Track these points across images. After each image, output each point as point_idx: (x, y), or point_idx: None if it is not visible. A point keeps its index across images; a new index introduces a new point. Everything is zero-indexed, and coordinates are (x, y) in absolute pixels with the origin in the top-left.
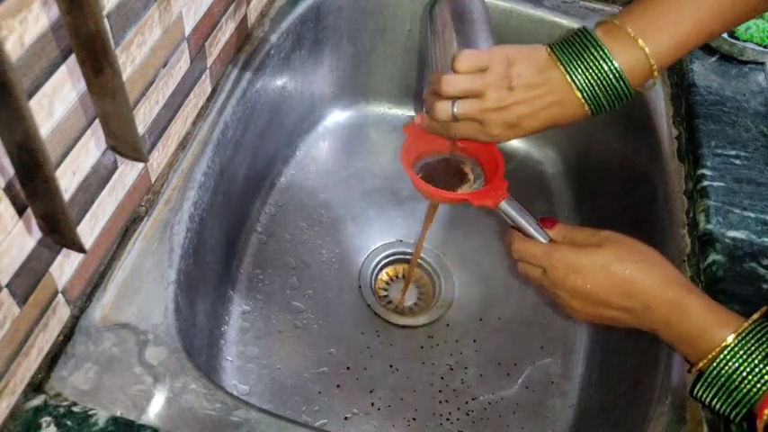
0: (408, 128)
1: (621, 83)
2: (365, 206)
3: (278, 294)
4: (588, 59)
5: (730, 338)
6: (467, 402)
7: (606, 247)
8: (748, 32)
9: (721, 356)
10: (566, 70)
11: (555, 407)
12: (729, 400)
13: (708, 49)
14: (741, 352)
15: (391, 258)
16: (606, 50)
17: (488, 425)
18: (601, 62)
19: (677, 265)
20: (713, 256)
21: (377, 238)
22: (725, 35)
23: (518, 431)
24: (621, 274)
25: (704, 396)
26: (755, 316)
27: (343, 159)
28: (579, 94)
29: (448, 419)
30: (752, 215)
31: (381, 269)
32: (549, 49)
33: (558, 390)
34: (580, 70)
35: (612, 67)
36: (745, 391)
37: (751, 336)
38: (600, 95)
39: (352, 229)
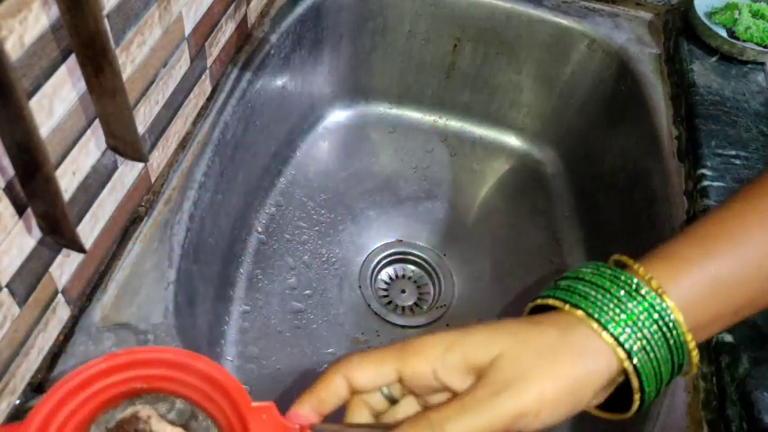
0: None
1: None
2: (365, 206)
3: (278, 294)
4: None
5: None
6: None
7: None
8: (748, 32)
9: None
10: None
11: None
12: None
13: (708, 49)
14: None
15: (391, 258)
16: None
17: None
18: None
19: None
20: None
21: (377, 238)
22: (724, 35)
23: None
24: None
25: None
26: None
27: (344, 159)
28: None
29: None
30: None
31: (381, 269)
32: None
33: None
34: None
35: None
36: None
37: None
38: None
39: (352, 229)
